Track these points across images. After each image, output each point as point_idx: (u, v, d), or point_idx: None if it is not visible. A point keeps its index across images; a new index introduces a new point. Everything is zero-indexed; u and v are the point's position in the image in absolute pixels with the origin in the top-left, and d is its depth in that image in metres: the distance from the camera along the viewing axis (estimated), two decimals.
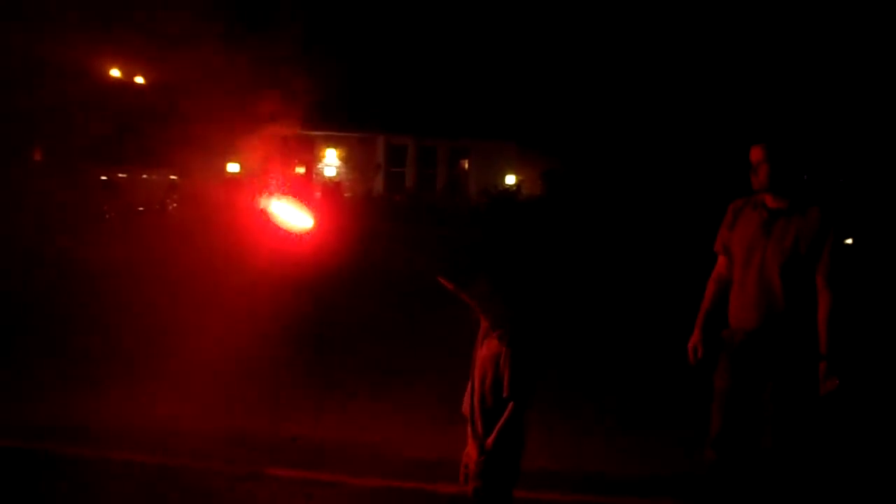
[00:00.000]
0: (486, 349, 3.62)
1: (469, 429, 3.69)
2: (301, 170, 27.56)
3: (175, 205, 19.95)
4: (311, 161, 28.70)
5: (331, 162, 29.49)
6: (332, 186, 22.99)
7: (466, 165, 30.16)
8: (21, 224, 12.00)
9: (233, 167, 25.38)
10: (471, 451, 3.67)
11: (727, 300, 4.15)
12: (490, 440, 3.56)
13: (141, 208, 19.76)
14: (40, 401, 5.88)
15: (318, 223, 3.74)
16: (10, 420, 5.49)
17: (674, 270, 10.39)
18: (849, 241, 4.10)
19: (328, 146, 29.35)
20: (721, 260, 4.27)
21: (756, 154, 4.01)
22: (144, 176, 21.93)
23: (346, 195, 23.29)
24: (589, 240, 14.52)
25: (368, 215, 14.41)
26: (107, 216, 18.15)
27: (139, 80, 25.00)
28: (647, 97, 21.65)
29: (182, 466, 4.89)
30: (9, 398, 5.87)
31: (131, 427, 5.44)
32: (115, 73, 24.38)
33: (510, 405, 3.53)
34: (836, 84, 19.02)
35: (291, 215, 3.76)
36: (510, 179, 28.37)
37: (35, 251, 10.16)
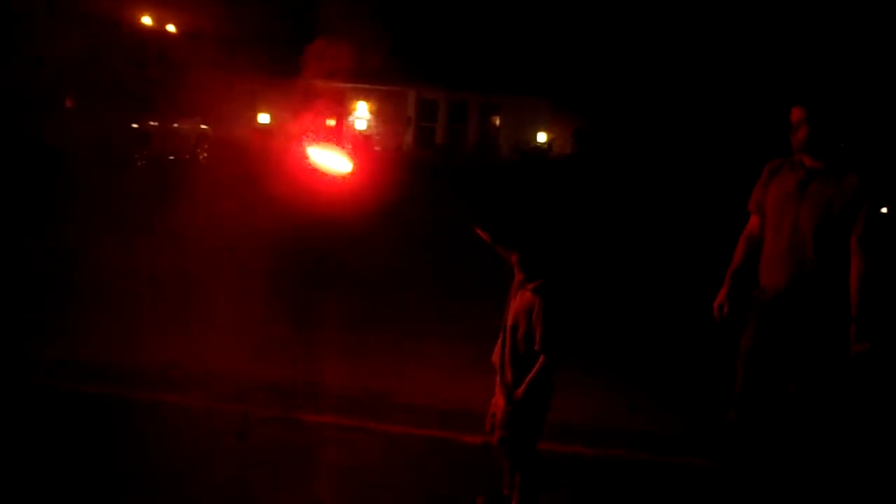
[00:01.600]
0: (520, 301, 3.65)
1: (498, 379, 3.73)
2: (332, 122, 27.51)
3: (205, 154, 20.00)
4: (342, 114, 28.63)
5: (361, 115, 29.40)
6: (363, 139, 22.96)
7: (498, 122, 29.93)
8: (53, 172, 12.12)
9: (263, 118, 25.39)
10: (498, 401, 3.72)
11: (757, 259, 4.14)
12: (519, 391, 3.60)
13: (171, 157, 19.83)
14: (79, 344, 6.01)
15: (357, 169, 3.77)
16: (48, 361, 5.63)
17: (704, 229, 10.32)
18: (884, 209, 4.05)
19: (359, 99, 29.24)
20: (753, 219, 4.24)
21: (796, 114, 3.97)
22: (175, 125, 21.94)
23: (376, 149, 23.26)
24: (619, 198, 14.44)
25: (399, 168, 14.40)
26: (138, 164, 18.25)
27: (171, 28, 24.98)
28: (683, 57, 21.33)
29: (219, 409, 4.99)
30: (48, 341, 6.00)
31: (166, 371, 5.56)
32: (146, 20, 24.36)
33: (541, 358, 3.57)
34: (880, 49, 18.62)
35: (331, 159, 3.79)
36: (542, 137, 28.17)
37: (68, 199, 10.25)
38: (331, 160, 3.78)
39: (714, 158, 16.75)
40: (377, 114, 29.29)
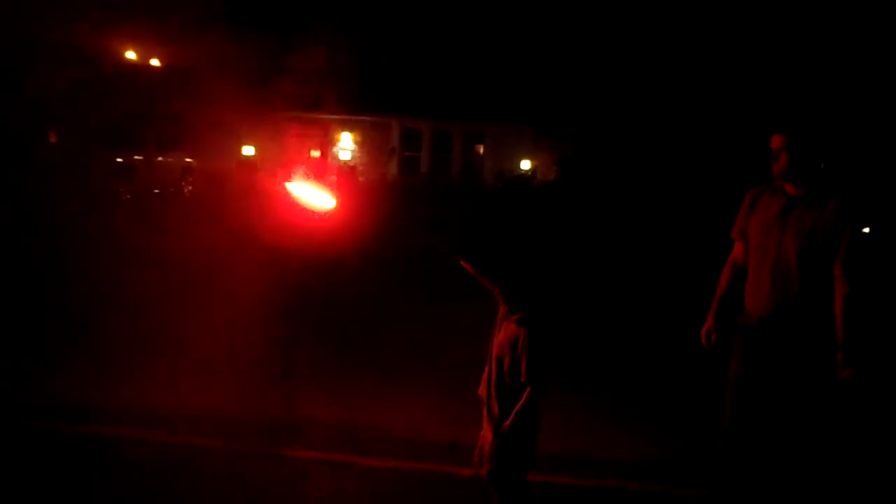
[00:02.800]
0: (504, 333, 3.64)
1: (485, 411, 3.71)
2: (316, 153, 27.57)
3: (190, 187, 20.00)
4: (327, 145, 28.71)
5: (346, 146, 29.49)
6: (348, 170, 23.00)
7: (481, 150, 30.10)
8: (38, 206, 12.10)
9: (248, 150, 25.42)
10: (486, 434, 3.69)
11: (742, 286, 4.15)
12: (507, 423, 3.58)
13: (157, 191, 19.83)
14: (63, 382, 5.95)
15: (340, 204, 3.77)
16: (35, 400, 5.58)
17: (689, 257, 10.37)
18: (866, 230, 4.07)
19: (343, 130, 29.34)
20: (737, 246, 4.27)
21: (776, 142, 4.00)
22: (160, 159, 21.95)
23: (360, 179, 23.31)
24: (603, 225, 14.50)
25: (384, 199, 14.43)
26: (123, 198, 18.23)
27: (155, 62, 25.05)
28: (665, 84, 21.51)
29: (199, 447, 4.95)
30: (35, 380, 5.95)
31: (150, 408, 5.51)
32: (130, 55, 24.44)
33: (527, 389, 3.55)
34: (858, 73, 18.85)
35: (314, 195, 3.79)
36: (525, 164, 28.33)
37: (53, 233, 10.22)
38: (314, 197, 3.79)
39: (697, 184, 16.87)
40: (361, 144, 29.40)
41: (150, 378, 5.99)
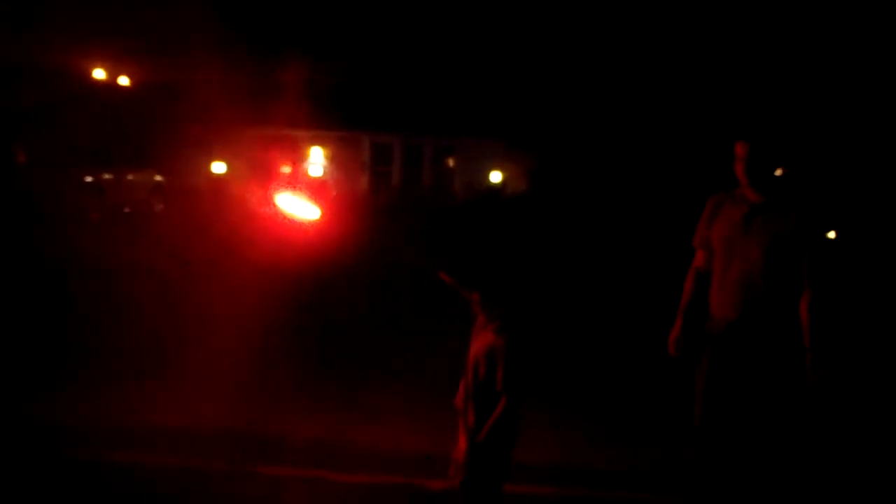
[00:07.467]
0: (481, 342, 3.65)
1: (461, 422, 3.72)
2: (287, 169, 27.47)
3: (161, 205, 19.86)
4: (297, 160, 28.62)
5: (316, 161, 29.41)
6: (319, 185, 22.97)
7: (452, 163, 30.15)
8: (7, 226, 11.94)
9: (218, 167, 25.30)
10: (462, 445, 3.69)
11: (706, 294, 4.19)
12: (481, 434, 3.59)
13: (127, 209, 19.64)
14: (37, 400, 5.89)
15: (324, 215, 3.82)
16: (9, 419, 5.51)
17: (656, 264, 10.45)
18: (831, 234, 4.15)
19: (313, 145, 29.27)
20: (700, 254, 4.28)
21: (738, 149, 4.05)
22: (130, 177, 21.74)
23: (332, 193, 23.28)
24: (573, 235, 14.58)
25: (356, 213, 14.43)
26: (92, 217, 18.04)
27: (124, 80, 24.87)
28: (631, 95, 21.69)
29: (174, 465, 4.91)
30: (10, 397, 5.89)
31: (125, 426, 5.46)
32: (99, 73, 24.25)
33: (503, 399, 3.57)
34: (819, 78, 19.12)
35: (301, 207, 3.84)
36: (496, 177, 28.42)
37: (24, 252, 10.11)
38: (301, 208, 3.83)
39: (664, 192, 17.01)
40: (332, 159, 29.34)
41: (121, 396, 5.93)
